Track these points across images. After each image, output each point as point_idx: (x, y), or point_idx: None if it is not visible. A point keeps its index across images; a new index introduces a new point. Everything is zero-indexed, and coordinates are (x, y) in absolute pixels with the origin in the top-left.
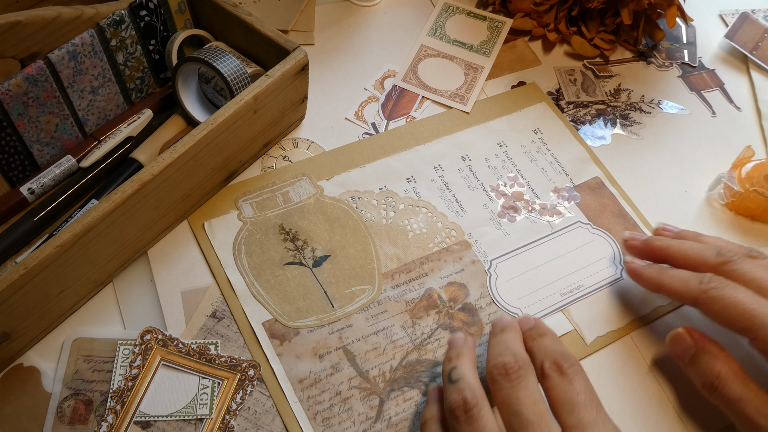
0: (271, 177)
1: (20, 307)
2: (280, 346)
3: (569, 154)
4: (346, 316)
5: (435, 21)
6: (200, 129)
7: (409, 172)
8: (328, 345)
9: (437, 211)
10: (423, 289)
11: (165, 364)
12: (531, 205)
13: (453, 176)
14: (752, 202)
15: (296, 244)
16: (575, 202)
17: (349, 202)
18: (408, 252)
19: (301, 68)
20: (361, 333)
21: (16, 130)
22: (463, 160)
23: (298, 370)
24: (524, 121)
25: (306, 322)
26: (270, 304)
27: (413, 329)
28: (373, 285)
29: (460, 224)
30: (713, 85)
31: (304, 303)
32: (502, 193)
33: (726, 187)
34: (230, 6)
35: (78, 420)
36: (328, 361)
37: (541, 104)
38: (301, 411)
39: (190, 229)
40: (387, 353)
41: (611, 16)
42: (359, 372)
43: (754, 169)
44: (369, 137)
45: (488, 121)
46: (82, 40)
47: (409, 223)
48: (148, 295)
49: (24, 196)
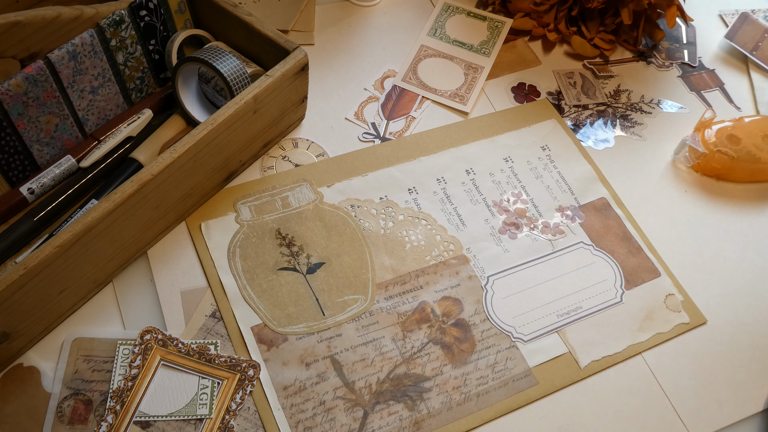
0: (272, 181)
1: (20, 307)
2: (267, 352)
3: (576, 172)
4: (337, 324)
5: (435, 21)
6: (200, 129)
7: (411, 183)
8: (316, 353)
9: (437, 223)
10: (416, 302)
11: (165, 364)
12: (533, 223)
13: (455, 189)
14: (717, 162)
15: (291, 250)
16: (579, 222)
17: (348, 210)
18: (404, 264)
19: (301, 68)
20: (350, 343)
21: (16, 130)
22: (467, 173)
23: (283, 376)
24: (532, 137)
25: (295, 329)
26: (260, 309)
27: (403, 342)
28: (366, 295)
29: (460, 238)
30: (713, 85)
31: (295, 309)
32: (504, 209)
33: (690, 149)
34: (230, 6)
35: (78, 420)
36: (315, 369)
37: (551, 121)
38: (283, 419)
39: (188, 230)
40: (375, 365)
41: (611, 16)
42: (345, 382)
43: (718, 131)
44: (373, 146)
45: (496, 135)
46: (82, 40)
47: (407, 234)
48: (148, 295)
49: (24, 196)
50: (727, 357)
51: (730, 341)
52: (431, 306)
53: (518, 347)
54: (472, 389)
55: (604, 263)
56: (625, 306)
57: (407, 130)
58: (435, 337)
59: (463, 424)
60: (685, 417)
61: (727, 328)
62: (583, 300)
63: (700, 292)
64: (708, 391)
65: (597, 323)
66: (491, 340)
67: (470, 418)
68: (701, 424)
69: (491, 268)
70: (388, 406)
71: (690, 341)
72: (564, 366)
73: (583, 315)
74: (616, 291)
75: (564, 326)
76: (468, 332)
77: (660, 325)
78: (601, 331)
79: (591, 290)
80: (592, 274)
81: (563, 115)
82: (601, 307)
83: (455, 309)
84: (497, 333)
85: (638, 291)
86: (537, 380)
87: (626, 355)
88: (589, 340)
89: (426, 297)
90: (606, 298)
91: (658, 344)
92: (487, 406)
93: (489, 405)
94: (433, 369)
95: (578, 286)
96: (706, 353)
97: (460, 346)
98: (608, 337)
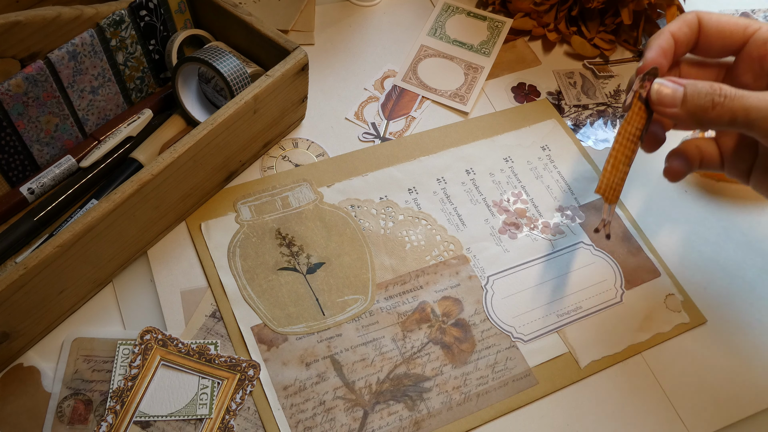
0: (272, 181)
1: (20, 307)
2: (267, 352)
3: (576, 172)
4: (337, 324)
5: (435, 21)
6: (200, 129)
7: (411, 183)
8: (316, 353)
9: (437, 223)
10: (417, 302)
11: (165, 364)
12: (533, 223)
13: (456, 189)
14: None
15: (291, 250)
16: (579, 222)
17: (348, 210)
18: (404, 263)
19: (301, 68)
20: (350, 343)
21: (16, 130)
22: (467, 173)
23: (283, 376)
24: (533, 137)
25: (295, 329)
26: (260, 309)
27: (403, 342)
28: (366, 295)
29: (460, 238)
30: None
31: (295, 309)
32: (504, 209)
33: None
34: (230, 6)
35: (78, 420)
36: (315, 369)
37: (551, 121)
38: (283, 419)
39: (188, 230)
40: (375, 365)
41: (611, 16)
42: (345, 382)
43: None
44: (373, 146)
45: (496, 135)
46: (82, 40)
47: (407, 234)
48: (148, 295)
49: (24, 196)
50: (728, 357)
51: (731, 341)
52: (431, 306)
53: (518, 347)
54: (472, 389)
55: (604, 263)
56: (625, 306)
57: (407, 130)
58: (435, 337)
59: (463, 424)
60: (685, 417)
61: (728, 328)
62: (583, 300)
63: (700, 292)
64: (708, 391)
65: (597, 323)
66: (491, 340)
67: (470, 418)
68: (701, 424)
69: (491, 268)
70: (388, 406)
71: (690, 341)
72: (564, 366)
73: (583, 315)
74: (616, 291)
75: (564, 326)
76: (468, 332)
77: (660, 325)
78: (601, 331)
79: (591, 290)
80: (592, 274)
81: (563, 115)
82: (601, 307)
83: (455, 309)
84: (497, 333)
85: (638, 291)
86: (537, 380)
87: (626, 354)
88: (589, 340)
89: (426, 297)
90: (606, 298)
91: (658, 344)
92: (487, 406)
93: (489, 405)
94: (433, 369)
95: (578, 286)
96: (706, 353)
97: (460, 346)
98: (608, 337)
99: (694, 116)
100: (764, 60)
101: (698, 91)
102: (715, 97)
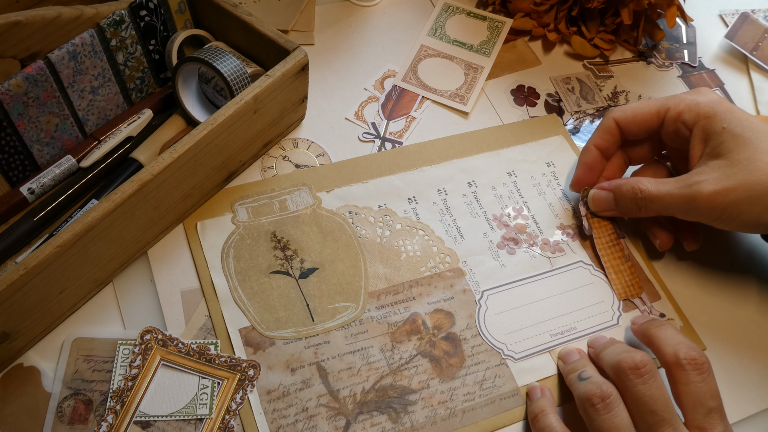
0: (271, 183)
1: (20, 307)
2: (253, 355)
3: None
4: (326, 331)
5: (435, 21)
6: (200, 129)
7: (411, 193)
8: (302, 359)
9: (434, 234)
10: (408, 313)
11: (165, 364)
12: (533, 239)
13: (456, 201)
14: None
15: (286, 254)
16: (580, 242)
17: (345, 217)
18: (398, 273)
19: (301, 68)
20: (338, 351)
21: (16, 130)
22: (469, 185)
23: (267, 381)
24: (538, 152)
25: (283, 333)
26: (250, 311)
27: (392, 353)
28: (357, 303)
29: (456, 251)
30: (713, 85)
31: (285, 314)
32: (504, 223)
33: None
34: (230, 6)
35: (78, 420)
36: (300, 375)
37: (558, 137)
38: (264, 423)
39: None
40: (361, 374)
41: (611, 16)
42: (329, 390)
43: None
44: (375, 153)
45: (501, 149)
46: (82, 40)
47: (403, 244)
48: (148, 295)
49: (24, 196)
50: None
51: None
52: (423, 318)
53: (508, 365)
54: (458, 405)
55: (602, 284)
56: (622, 328)
57: (407, 130)
58: (424, 350)
59: None
60: None
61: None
62: (579, 321)
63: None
64: None
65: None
66: (481, 356)
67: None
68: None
69: (486, 283)
70: (371, 417)
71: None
72: (555, 388)
73: (577, 336)
74: (613, 313)
75: (556, 346)
76: (458, 347)
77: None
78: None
79: (587, 311)
80: (590, 294)
81: (563, 116)
82: (597, 329)
83: (447, 322)
84: (488, 349)
85: (636, 314)
86: (525, 400)
87: None
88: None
89: (418, 308)
90: (602, 320)
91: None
92: (471, 423)
93: (474, 422)
94: (420, 382)
95: (574, 306)
96: None
97: (449, 361)
98: None
99: (629, 214)
100: (678, 132)
101: (623, 194)
102: (637, 201)
